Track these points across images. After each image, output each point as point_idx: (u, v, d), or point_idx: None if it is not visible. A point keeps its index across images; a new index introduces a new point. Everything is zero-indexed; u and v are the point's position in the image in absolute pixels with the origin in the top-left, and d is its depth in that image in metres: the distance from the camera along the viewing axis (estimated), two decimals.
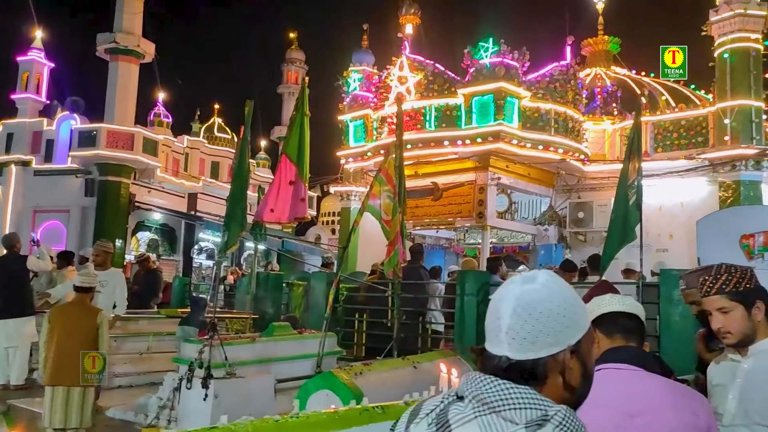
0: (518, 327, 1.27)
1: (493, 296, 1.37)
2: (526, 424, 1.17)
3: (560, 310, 1.29)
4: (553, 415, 1.18)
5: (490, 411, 1.21)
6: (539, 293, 1.30)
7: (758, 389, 2.30)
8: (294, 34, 39.02)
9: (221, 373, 6.07)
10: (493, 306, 1.34)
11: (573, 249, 15.61)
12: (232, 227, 6.61)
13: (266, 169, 30.34)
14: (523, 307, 1.28)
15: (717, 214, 7.66)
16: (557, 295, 1.31)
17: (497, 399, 1.22)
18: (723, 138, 14.27)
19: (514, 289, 1.32)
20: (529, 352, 1.27)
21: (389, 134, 14.71)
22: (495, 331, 1.31)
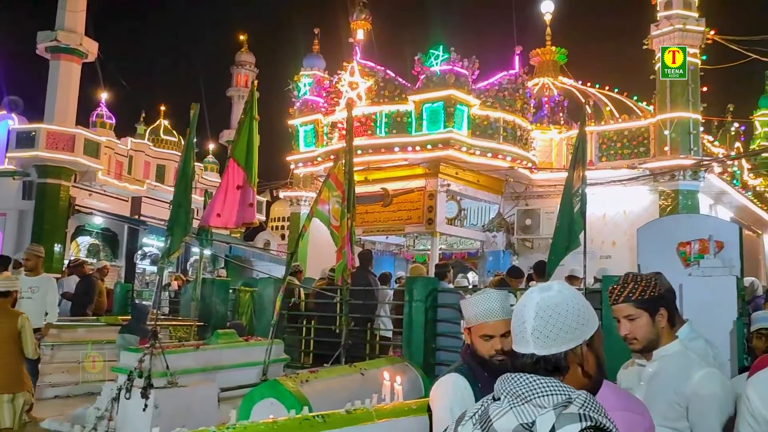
0: (542, 327, 1.53)
1: (516, 305, 1.63)
2: (553, 406, 1.37)
3: (575, 311, 1.55)
4: (575, 398, 1.38)
5: (522, 402, 1.41)
6: (556, 298, 1.56)
7: (660, 392, 2.41)
8: (244, 36, 38.57)
9: (162, 382, 5.88)
10: (517, 313, 1.60)
11: (520, 255, 15.85)
12: (176, 232, 6.43)
13: (214, 173, 29.82)
14: (545, 310, 1.54)
15: (656, 222, 7.88)
16: (571, 299, 1.57)
17: (527, 390, 1.42)
18: (663, 148, 14.74)
19: (534, 297, 1.58)
20: (552, 347, 1.52)
21: (340, 139, 14.66)
22: (521, 333, 1.57)
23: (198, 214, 11.27)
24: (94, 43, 21.61)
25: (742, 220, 18.70)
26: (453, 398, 2.59)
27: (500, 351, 2.63)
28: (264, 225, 30.03)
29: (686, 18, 14.88)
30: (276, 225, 31.22)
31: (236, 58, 38.35)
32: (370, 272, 9.45)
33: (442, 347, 7.61)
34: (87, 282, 11.42)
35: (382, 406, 3.19)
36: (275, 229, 30.96)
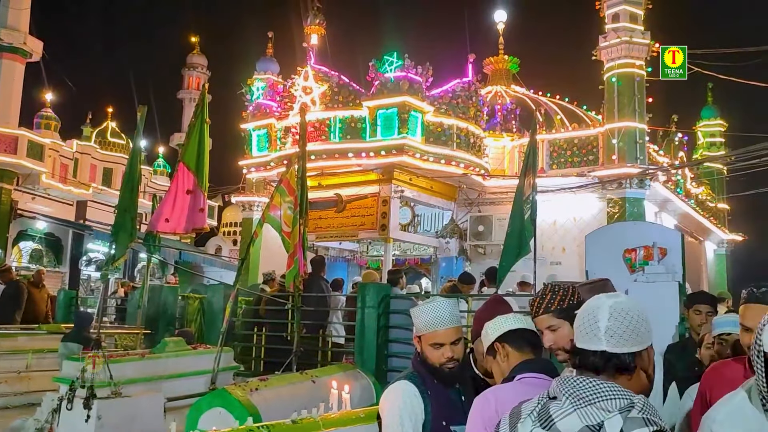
0: (615, 327, 1.68)
1: (584, 308, 1.79)
2: (619, 410, 1.49)
3: (643, 317, 1.73)
4: (636, 402, 1.52)
5: (586, 404, 1.52)
6: (628, 304, 1.74)
7: None
8: (196, 38, 37.99)
9: (105, 392, 5.70)
10: (588, 313, 1.75)
11: (473, 262, 16.00)
12: (121, 238, 6.27)
13: (164, 177, 29.24)
14: (619, 312, 1.70)
15: (603, 229, 8.05)
16: (639, 306, 1.76)
17: (591, 394, 1.54)
18: (611, 157, 15.11)
19: (606, 301, 1.75)
20: (624, 347, 1.67)
21: (293, 144, 14.55)
22: (593, 331, 1.70)
23: (146, 219, 10.99)
24: (39, 42, 20.97)
25: (685, 227, 19.32)
26: (402, 406, 2.59)
27: (451, 358, 2.63)
28: (215, 230, 29.55)
29: (632, 31, 15.32)
30: (228, 230, 30.76)
31: (188, 60, 37.75)
32: (322, 278, 9.38)
33: (394, 353, 7.60)
34: (14, 287, 11.02)
35: (329, 415, 3.15)
36: (227, 234, 30.50)
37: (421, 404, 2.60)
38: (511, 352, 2.37)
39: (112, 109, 28.19)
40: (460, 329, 2.70)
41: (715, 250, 24.64)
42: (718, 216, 23.43)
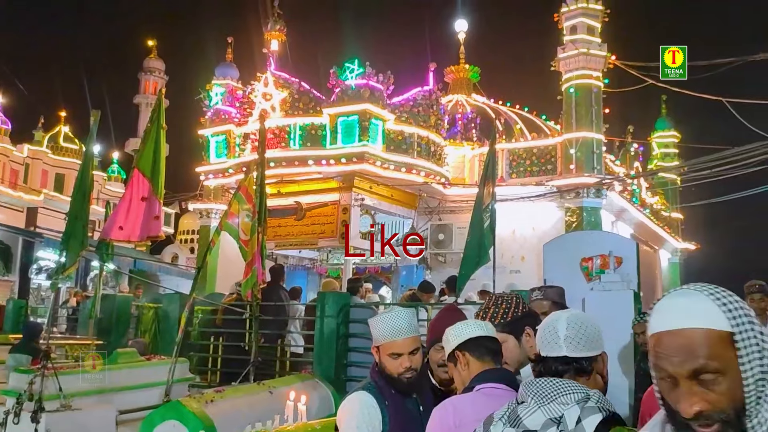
0: (573, 335, 1.91)
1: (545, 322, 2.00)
2: (576, 402, 1.65)
3: (596, 326, 1.98)
4: (591, 395, 1.68)
5: (548, 401, 1.68)
6: (583, 315, 1.99)
7: None
8: (153, 42, 37.42)
9: (55, 405, 5.54)
10: (549, 325, 1.96)
11: (433, 270, 16.03)
12: (72, 246, 6.08)
13: (118, 183, 28.64)
14: (575, 322, 1.94)
15: (561, 238, 8.15)
16: (592, 317, 2.01)
17: (552, 391, 1.69)
18: (569, 167, 15.35)
19: (564, 313, 2.00)
20: (581, 352, 1.90)
21: (252, 151, 14.40)
22: (555, 340, 1.92)
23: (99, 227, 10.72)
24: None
25: (640, 236, 19.73)
26: (360, 417, 2.56)
27: (409, 368, 2.60)
28: (172, 238, 29.04)
29: (590, 43, 15.64)
30: (185, 238, 30.28)
31: (145, 64, 37.13)
32: (281, 287, 9.27)
33: (354, 363, 7.54)
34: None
35: (285, 428, 3.08)
36: (184, 242, 30.02)
37: (378, 415, 2.57)
38: (472, 361, 2.35)
39: (65, 113, 27.57)
40: (418, 339, 2.67)
41: (669, 258, 25.25)
42: (672, 225, 24.02)
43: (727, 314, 1.19)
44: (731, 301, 1.20)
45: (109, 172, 30.04)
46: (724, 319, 1.18)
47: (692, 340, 1.18)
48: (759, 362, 1.18)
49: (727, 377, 1.17)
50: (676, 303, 1.23)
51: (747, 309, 1.21)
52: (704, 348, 1.17)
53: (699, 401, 1.17)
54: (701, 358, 1.17)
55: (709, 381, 1.17)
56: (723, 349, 1.17)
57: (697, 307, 1.20)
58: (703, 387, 1.18)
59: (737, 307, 1.20)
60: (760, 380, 1.18)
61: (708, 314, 1.19)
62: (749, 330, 1.18)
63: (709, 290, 1.23)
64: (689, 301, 1.22)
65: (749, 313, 1.20)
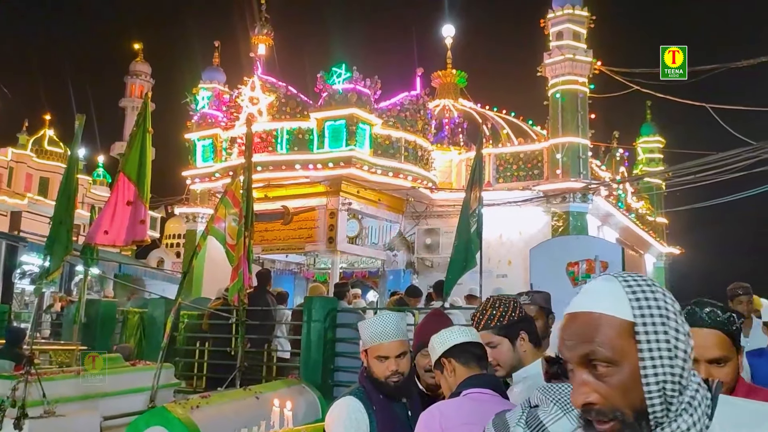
0: None
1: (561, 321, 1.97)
2: None
3: None
4: None
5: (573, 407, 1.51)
6: None
7: None
8: (139, 45, 37.22)
9: (38, 411, 5.47)
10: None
11: (421, 274, 16.05)
12: (56, 251, 6.01)
13: (104, 187, 28.46)
14: None
15: (547, 243, 8.20)
16: None
17: None
18: (555, 171, 15.45)
19: None
20: None
21: (239, 155, 14.35)
22: None
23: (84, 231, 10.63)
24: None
25: (625, 240, 19.87)
26: (347, 422, 2.56)
27: (395, 372, 2.60)
28: (158, 242, 28.84)
29: (575, 49, 15.76)
30: (171, 242, 30.07)
31: (131, 67, 36.93)
32: (268, 292, 9.23)
33: (341, 368, 7.52)
34: None
35: None
36: (170, 246, 29.81)
37: (366, 420, 2.58)
38: (458, 367, 2.36)
39: (50, 116, 27.35)
40: (405, 343, 2.68)
41: (655, 263, 25.43)
42: (657, 230, 24.21)
43: (633, 303, 1.08)
44: (644, 291, 1.09)
45: (94, 176, 29.83)
46: (628, 308, 1.08)
47: (586, 325, 1.09)
48: (669, 362, 1.06)
49: (622, 370, 1.07)
50: (589, 287, 1.14)
51: (666, 304, 1.09)
52: (597, 333, 1.07)
53: (589, 392, 1.08)
54: (591, 343, 1.07)
55: (602, 372, 1.07)
56: (619, 338, 1.07)
57: (605, 291, 1.10)
58: (595, 377, 1.08)
59: (649, 298, 1.09)
60: (669, 383, 1.06)
61: (612, 300, 1.09)
62: (658, 324, 1.07)
63: (627, 277, 1.12)
64: (600, 286, 1.12)
65: (667, 308, 1.08)
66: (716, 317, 1.77)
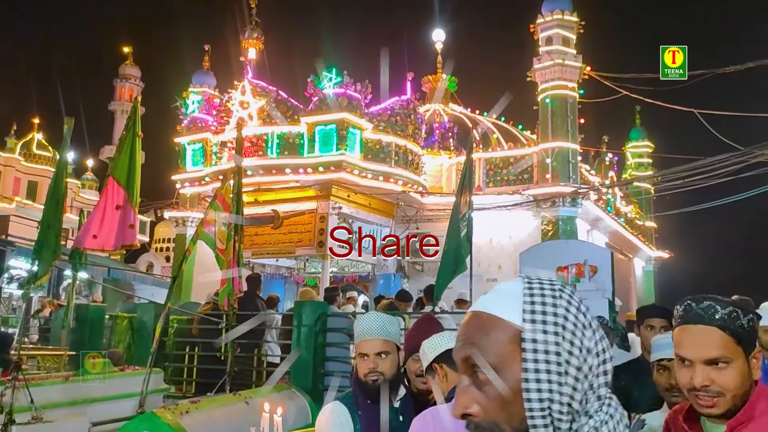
0: None
1: None
2: None
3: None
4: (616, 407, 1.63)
5: None
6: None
7: None
8: (129, 48, 37.12)
9: (26, 417, 5.44)
10: None
11: (411, 279, 16.06)
12: (44, 255, 5.98)
13: (93, 191, 28.28)
14: None
15: (537, 247, 8.23)
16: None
17: None
18: (545, 176, 15.51)
19: None
20: None
21: (229, 159, 14.32)
22: None
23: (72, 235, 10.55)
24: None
25: (615, 244, 19.97)
26: (332, 427, 2.56)
27: (373, 370, 2.60)
28: (147, 246, 28.70)
29: (565, 54, 15.85)
30: (160, 246, 29.95)
31: (120, 71, 36.81)
32: (258, 297, 9.21)
33: (331, 372, 7.51)
34: None
35: None
36: (159, 250, 29.69)
37: (350, 425, 2.57)
38: (450, 372, 2.35)
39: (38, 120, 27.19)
40: (389, 343, 2.66)
41: (644, 267, 25.57)
42: (646, 234, 24.34)
43: (527, 307, 0.96)
44: (544, 296, 0.97)
45: (83, 180, 29.66)
46: (518, 311, 0.96)
47: (476, 325, 0.98)
48: (557, 378, 0.93)
49: (503, 381, 0.95)
50: (497, 286, 1.03)
51: (567, 314, 0.96)
52: (482, 336, 0.96)
53: (468, 402, 0.97)
54: (475, 346, 0.96)
55: (483, 379, 0.96)
56: (505, 345, 0.95)
57: (506, 292, 0.99)
58: (477, 386, 0.97)
59: (547, 304, 0.96)
60: (556, 404, 0.93)
61: (508, 302, 0.98)
62: (549, 334, 0.94)
63: (533, 280, 1.00)
64: (505, 286, 1.01)
65: (566, 318, 0.95)
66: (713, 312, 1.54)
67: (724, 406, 1.52)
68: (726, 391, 1.52)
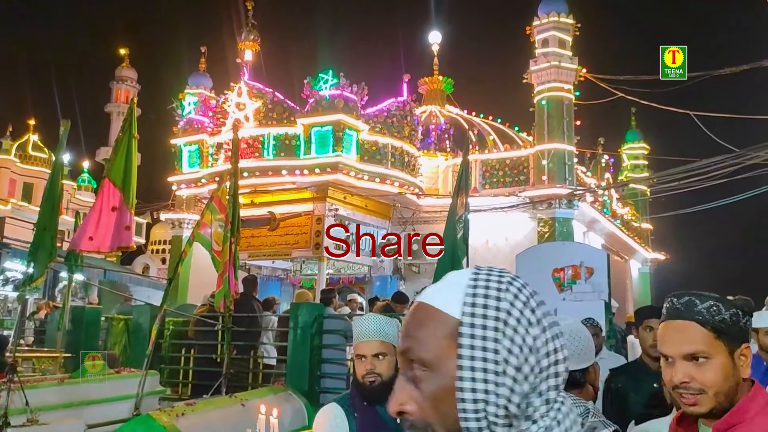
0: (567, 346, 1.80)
1: None
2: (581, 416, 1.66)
3: (588, 337, 2.00)
4: (590, 408, 1.74)
5: None
6: (576, 326, 2.00)
7: None
8: (125, 50, 37.06)
9: (21, 420, 5.42)
10: None
11: (407, 280, 16.06)
12: (40, 257, 5.97)
13: (89, 193, 28.23)
14: (570, 333, 1.91)
15: (533, 249, 8.24)
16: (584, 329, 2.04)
17: None
18: (541, 177, 15.54)
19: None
20: (575, 365, 1.85)
21: (225, 161, 14.31)
22: None
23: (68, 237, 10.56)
24: None
25: (611, 246, 20.01)
26: (329, 429, 2.56)
27: (370, 371, 2.60)
28: (143, 248, 28.65)
29: (561, 56, 15.89)
30: (156, 248, 29.89)
31: (116, 72, 36.74)
32: (254, 298, 9.20)
33: (327, 374, 7.50)
34: None
35: None
36: (156, 252, 29.63)
37: (346, 426, 2.58)
38: None
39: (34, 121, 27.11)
40: (386, 345, 2.66)
41: (640, 268, 25.62)
42: (642, 235, 24.39)
43: (468, 299, 0.88)
44: (488, 287, 0.88)
45: (79, 182, 29.60)
46: (459, 303, 0.88)
47: (416, 318, 0.91)
48: (494, 378, 0.85)
49: (437, 378, 0.87)
50: (446, 276, 0.96)
51: (512, 308, 0.87)
52: (420, 328, 0.89)
53: (404, 399, 0.89)
54: (412, 339, 0.90)
55: (418, 375, 0.89)
56: (439, 339, 0.88)
57: (452, 282, 0.92)
58: (414, 382, 0.90)
59: (490, 296, 0.88)
60: (492, 405, 0.85)
61: (451, 292, 0.90)
62: (489, 329, 0.86)
63: (481, 270, 0.92)
64: (453, 275, 0.94)
65: (510, 313, 0.87)
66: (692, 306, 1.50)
67: (707, 404, 1.46)
68: (707, 387, 1.46)
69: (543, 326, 0.89)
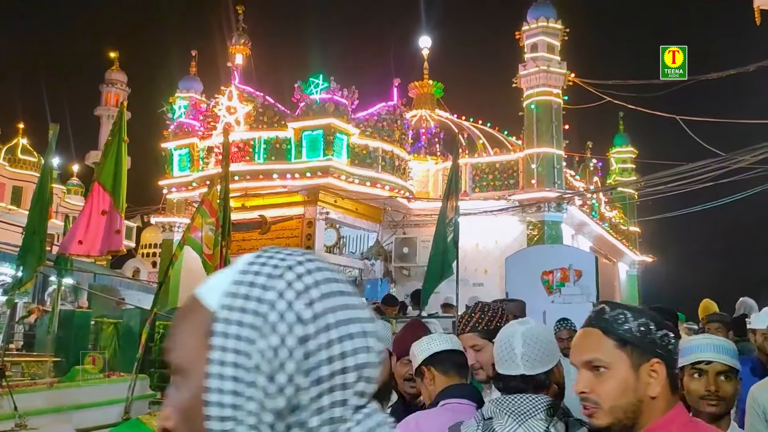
0: (530, 352, 1.89)
1: (500, 336, 2.00)
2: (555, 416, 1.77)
3: (551, 338, 2.01)
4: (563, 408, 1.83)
5: (527, 417, 1.75)
6: (538, 329, 1.97)
7: None
8: (115, 54, 36.92)
9: (9, 425, 5.41)
10: (504, 341, 1.96)
11: (398, 283, 16.08)
12: (29, 261, 5.96)
13: (78, 197, 28.06)
14: (531, 338, 1.92)
15: (522, 252, 8.31)
16: (547, 330, 2.05)
17: (529, 408, 1.79)
18: (531, 181, 15.62)
19: (519, 328, 1.96)
20: (538, 368, 1.89)
21: (216, 165, 14.29)
22: (511, 358, 1.91)
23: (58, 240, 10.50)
24: None
25: (599, 249, 20.11)
26: None
27: None
28: (133, 252, 28.50)
29: (550, 60, 15.99)
30: (147, 252, 29.73)
31: (106, 76, 36.58)
32: None
33: None
34: None
35: None
36: (146, 256, 29.47)
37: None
38: (437, 376, 2.37)
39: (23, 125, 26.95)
40: None
41: (628, 271, 25.75)
42: (629, 238, 24.52)
43: (230, 287, 0.71)
44: (258, 273, 0.71)
45: (68, 185, 29.43)
46: (221, 292, 0.72)
47: (178, 311, 0.78)
48: (245, 389, 0.68)
49: (189, 386, 0.71)
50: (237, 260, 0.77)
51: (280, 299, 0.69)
52: (176, 324, 0.76)
53: (165, 412, 0.75)
54: (169, 338, 0.76)
55: (176, 383, 0.74)
56: (194, 337, 0.71)
57: (231, 267, 0.75)
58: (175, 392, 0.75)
59: (255, 284, 0.70)
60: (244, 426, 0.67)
61: (220, 279, 0.74)
62: (245, 327, 0.68)
63: (267, 250, 0.75)
64: (240, 258, 0.76)
65: (274, 306, 0.69)
66: (602, 314, 1.42)
67: (604, 419, 1.36)
68: (602, 401, 1.36)
69: (323, 324, 0.70)
